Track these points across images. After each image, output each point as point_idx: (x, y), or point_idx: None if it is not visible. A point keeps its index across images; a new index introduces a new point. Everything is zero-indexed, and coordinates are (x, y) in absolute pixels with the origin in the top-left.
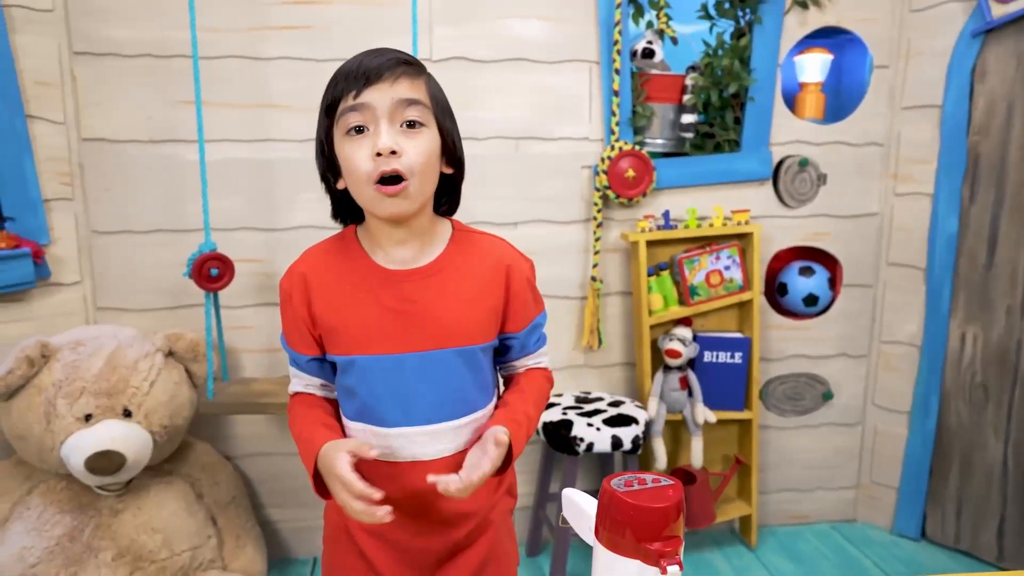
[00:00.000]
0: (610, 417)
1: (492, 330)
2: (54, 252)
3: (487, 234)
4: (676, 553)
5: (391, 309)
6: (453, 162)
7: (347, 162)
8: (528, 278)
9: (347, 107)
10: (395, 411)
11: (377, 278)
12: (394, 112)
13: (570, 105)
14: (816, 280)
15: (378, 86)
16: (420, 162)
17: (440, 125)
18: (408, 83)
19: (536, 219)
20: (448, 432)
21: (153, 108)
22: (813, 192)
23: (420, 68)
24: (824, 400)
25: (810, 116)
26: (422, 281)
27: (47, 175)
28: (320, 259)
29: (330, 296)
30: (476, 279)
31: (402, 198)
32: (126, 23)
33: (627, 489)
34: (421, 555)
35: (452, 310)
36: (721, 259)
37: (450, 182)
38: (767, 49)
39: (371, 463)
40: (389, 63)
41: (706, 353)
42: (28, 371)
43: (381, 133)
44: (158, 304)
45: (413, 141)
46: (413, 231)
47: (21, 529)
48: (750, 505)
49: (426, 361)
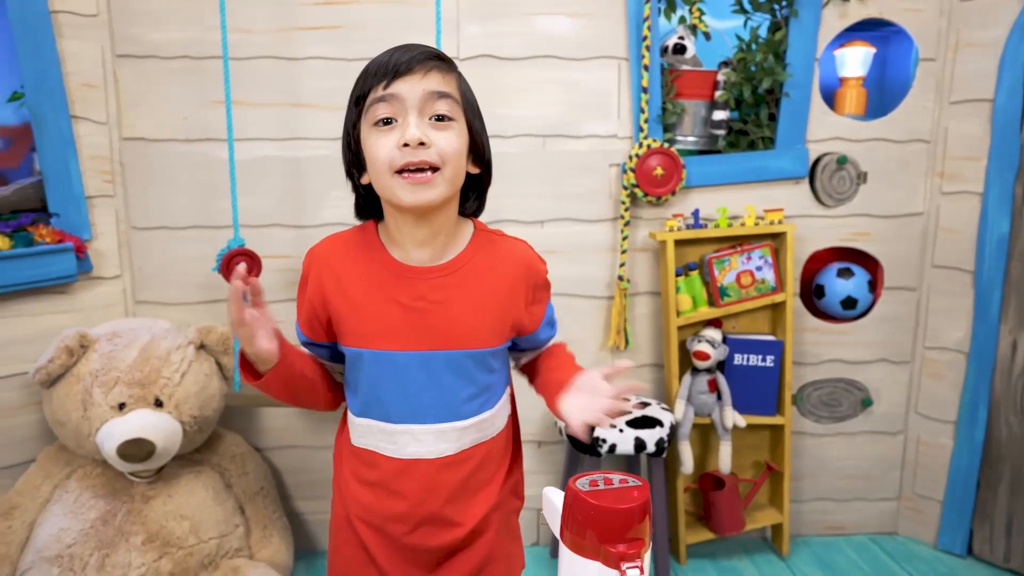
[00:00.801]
0: (634, 419)
1: (505, 333)
2: (95, 247)
3: (508, 236)
4: (638, 556)
5: (405, 306)
6: (480, 162)
7: (371, 151)
8: (544, 279)
9: (376, 98)
10: (401, 408)
11: (393, 274)
12: (424, 104)
13: (598, 102)
14: (855, 282)
15: (408, 78)
16: (449, 154)
17: (469, 123)
18: (439, 77)
19: (563, 217)
20: (453, 432)
21: (189, 108)
22: (852, 191)
23: (451, 64)
24: (863, 407)
25: (850, 112)
26: (438, 280)
27: (90, 173)
28: (339, 246)
29: (344, 285)
30: (494, 281)
31: (428, 187)
32: (165, 26)
33: (591, 489)
34: (420, 552)
35: (466, 312)
36: (752, 259)
37: (476, 183)
38: (804, 43)
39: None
40: (420, 56)
41: (736, 356)
42: (68, 360)
43: (410, 124)
44: (193, 298)
45: (442, 133)
46: (434, 229)
47: (60, 511)
48: (782, 513)
49: (436, 361)
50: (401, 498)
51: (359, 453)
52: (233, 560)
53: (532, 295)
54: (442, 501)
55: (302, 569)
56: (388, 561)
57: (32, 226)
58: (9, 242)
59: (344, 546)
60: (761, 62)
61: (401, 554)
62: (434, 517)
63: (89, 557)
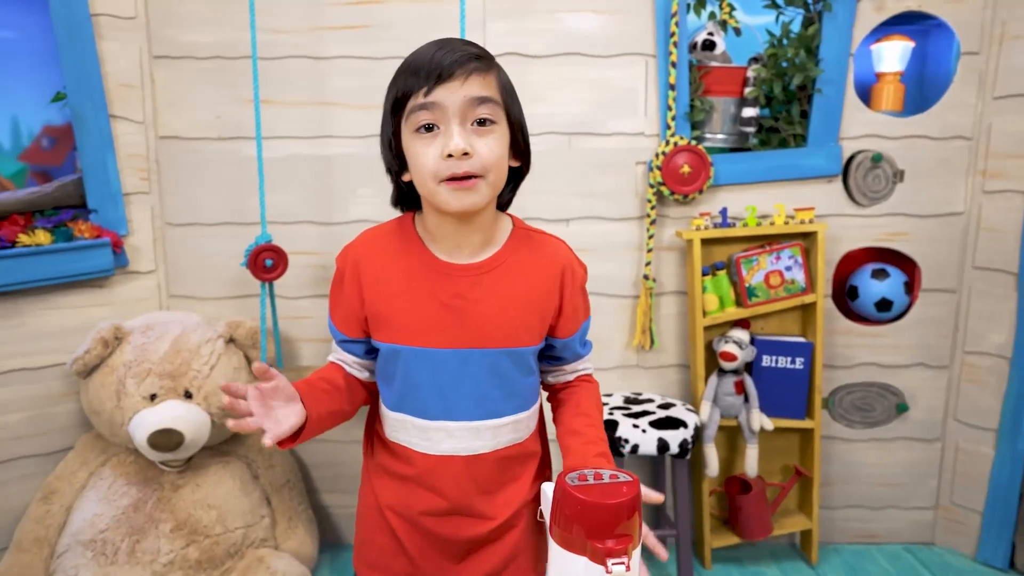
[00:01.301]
0: (658, 419)
1: (541, 333)
2: (132, 242)
3: (547, 234)
4: (624, 552)
5: (443, 303)
6: (520, 154)
7: (416, 160)
8: (582, 284)
9: (417, 105)
10: (437, 404)
11: (432, 270)
12: (466, 111)
13: (625, 100)
14: (890, 284)
15: (449, 84)
16: (492, 161)
17: (510, 119)
18: (480, 80)
19: (589, 216)
20: (489, 430)
21: (222, 107)
22: (888, 189)
23: (490, 61)
24: (898, 412)
25: (887, 108)
26: (477, 277)
27: (127, 170)
28: (377, 243)
29: (382, 281)
30: (532, 279)
31: (472, 192)
32: (200, 27)
33: (580, 484)
34: (450, 543)
35: (504, 310)
36: (782, 259)
37: (514, 175)
38: (838, 38)
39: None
40: (461, 59)
41: (764, 357)
42: (103, 352)
43: (453, 134)
44: (224, 293)
45: (484, 140)
46: (474, 227)
47: (94, 497)
48: (811, 519)
49: (473, 359)
50: (434, 493)
51: (392, 447)
52: (259, 550)
53: (570, 298)
54: (474, 496)
55: (327, 561)
56: (418, 550)
57: (72, 222)
58: (51, 237)
59: (374, 534)
60: (793, 58)
61: (432, 544)
62: (466, 510)
63: (121, 542)
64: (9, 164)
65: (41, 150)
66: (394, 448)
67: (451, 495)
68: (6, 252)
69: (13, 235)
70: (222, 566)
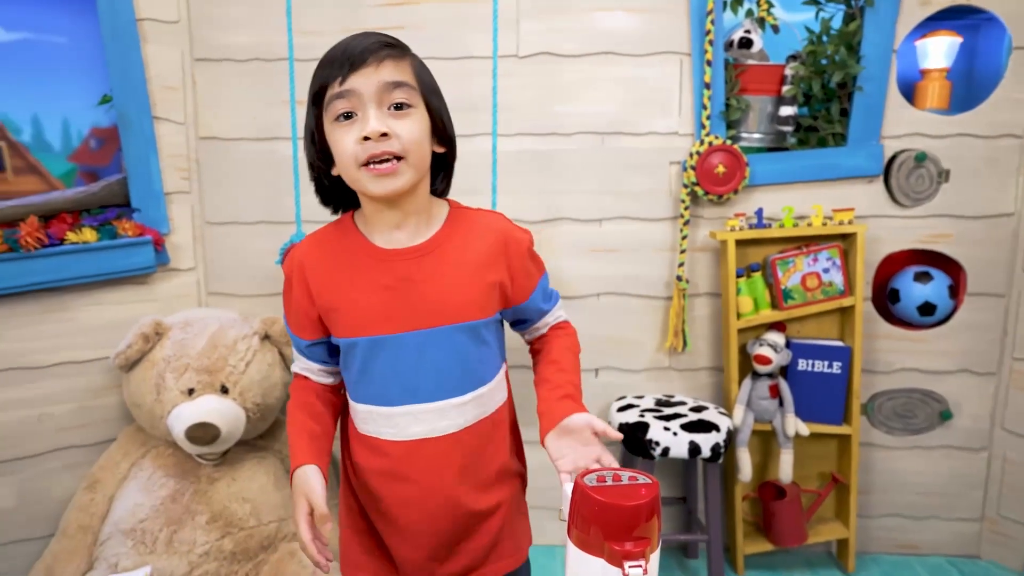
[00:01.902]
0: (689, 422)
1: (492, 305)
2: (173, 240)
3: (483, 210)
4: (642, 555)
5: (388, 288)
6: (444, 141)
7: (336, 147)
8: (527, 249)
9: (334, 94)
10: (399, 390)
11: (373, 259)
12: (381, 96)
13: (659, 99)
14: (934, 287)
15: (363, 71)
16: (411, 141)
17: (428, 105)
18: (393, 65)
19: (621, 216)
20: (453, 408)
21: (259, 108)
22: (932, 190)
23: (404, 49)
24: (941, 420)
25: (932, 106)
26: (418, 260)
27: (168, 170)
28: (317, 244)
29: (327, 279)
30: (473, 255)
31: (394, 176)
32: (240, 30)
33: (598, 485)
34: (433, 537)
35: (449, 287)
36: (819, 261)
37: (442, 162)
38: (880, 34)
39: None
40: (372, 46)
41: (800, 361)
42: (143, 346)
43: (370, 118)
44: (260, 290)
45: (402, 122)
46: (408, 212)
47: (135, 487)
48: (848, 528)
49: (426, 339)
50: (409, 482)
51: (364, 440)
52: (291, 544)
53: (516, 264)
54: (450, 482)
55: None
56: (398, 548)
57: (117, 220)
58: (96, 235)
59: (355, 535)
60: (832, 55)
61: (411, 541)
62: (444, 501)
63: (159, 532)
64: (59, 164)
65: (89, 151)
66: (366, 440)
67: (425, 481)
68: (55, 249)
69: (62, 233)
70: (255, 558)
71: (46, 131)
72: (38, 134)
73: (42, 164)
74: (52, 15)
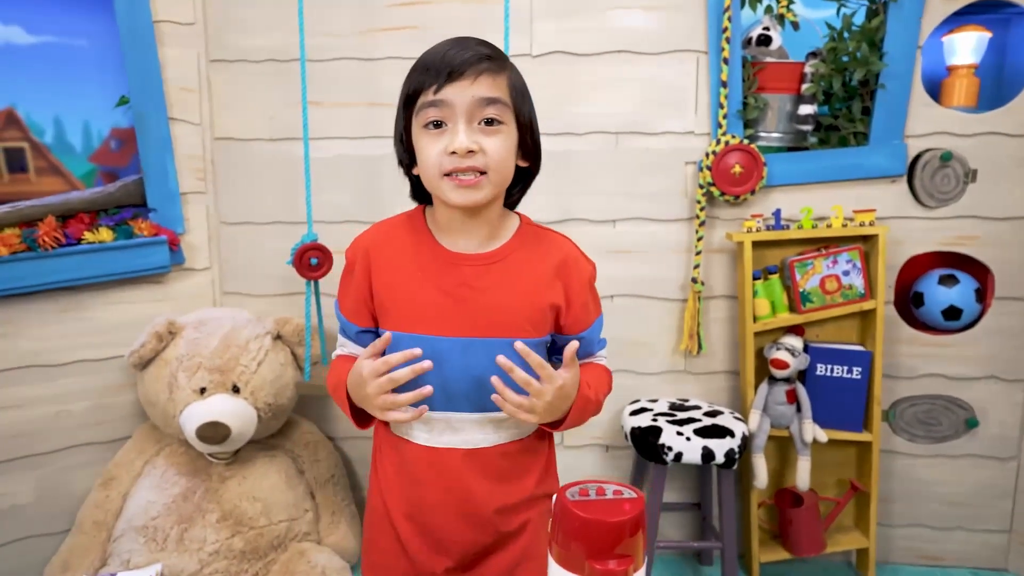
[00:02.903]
0: (703, 427)
1: (545, 326)
2: (188, 240)
3: (554, 231)
4: (625, 574)
5: (447, 292)
6: (529, 155)
7: (421, 154)
8: (589, 279)
9: (426, 102)
10: (439, 395)
11: (439, 259)
12: (473, 111)
13: (675, 98)
14: (960, 290)
15: (459, 83)
16: (497, 160)
17: (519, 120)
18: (490, 80)
19: (636, 217)
20: (490, 423)
21: (274, 109)
22: (958, 190)
23: (502, 62)
24: (967, 428)
25: (959, 104)
26: (482, 267)
27: (184, 171)
28: (385, 234)
29: (390, 271)
30: (536, 273)
31: (475, 189)
32: (255, 32)
33: (580, 499)
34: (456, 546)
35: (506, 300)
36: (839, 263)
37: (522, 175)
38: (905, 29)
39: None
40: (472, 59)
41: (819, 366)
42: (157, 345)
43: (459, 132)
44: (274, 290)
45: (491, 139)
46: (481, 221)
47: (148, 485)
48: (868, 537)
49: (474, 348)
50: (437, 489)
51: (395, 441)
52: (301, 543)
53: (574, 291)
54: (479, 496)
55: None
56: (420, 553)
57: (133, 220)
58: (113, 235)
59: (378, 536)
60: (854, 51)
61: (435, 548)
62: (470, 513)
63: (170, 530)
64: (80, 165)
65: (109, 151)
66: (396, 443)
67: (454, 491)
68: (72, 249)
69: (79, 232)
70: (265, 558)
71: (68, 132)
72: (60, 135)
73: (64, 165)
74: (73, 18)
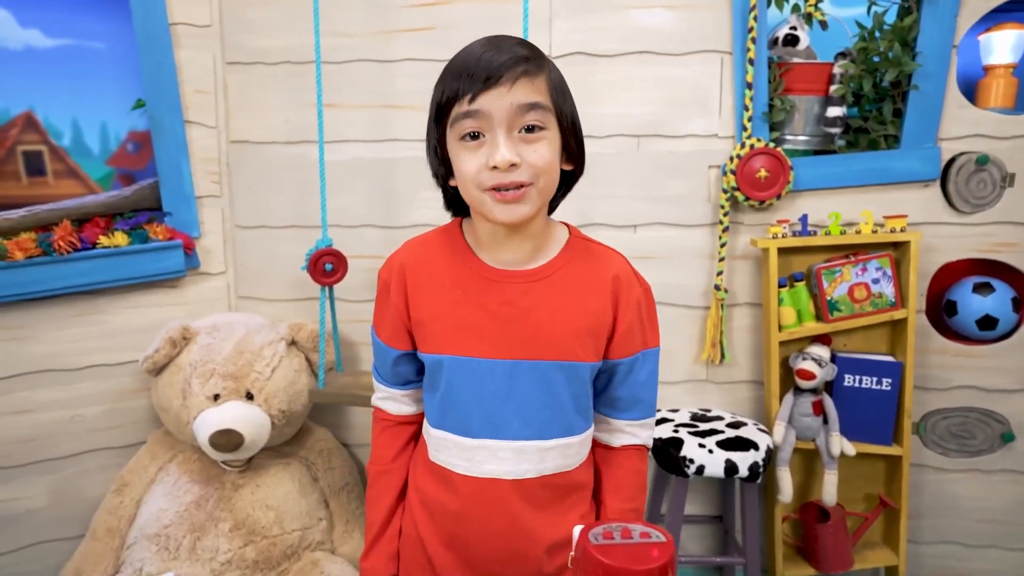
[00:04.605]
0: (726, 439)
1: (597, 350)
2: (203, 244)
3: (606, 246)
4: None
5: (490, 311)
6: (572, 158)
7: (460, 168)
8: (640, 301)
9: (461, 112)
10: (481, 421)
11: (480, 277)
12: (513, 119)
13: (698, 100)
14: (995, 299)
15: (495, 90)
16: (542, 170)
17: (561, 122)
18: (528, 85)
19: (657, 221)
20: (535, 452)
21: (290, 111)
22: (995, 195)
23: (540, 62)
24: (1003, 442)
25: (996, 105)
26: (528, 285)
27: (200, 174)
28: (421, 251)
29: (427, 290)
30: (586, 291)
31: (519, 204)
32: (271, 33)
33: (604, 542)
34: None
35: (556, 320)
36: (868, 271)
37: (566, 179)
38: (939, 28)
39: (449, 476)
40: (508, 62)
41: (847, 376)
42: (171, 351)
43: (499, 144)
44: (290, 294)
45: (533, 147)
46: (526, 235)
47: (161, 492)
48: (898, 554)
49: (521, 371)
50: (476, 522)
51: (434, 468)
52: (314, 553)
53: (624, 311)
54: (520, 530)
55: None
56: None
57: (148, 224)
58: (128, 239)
59: (413, 567)
60: (885, 51)
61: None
62: (519, 549)
63: (183, 539)
64: (98, 168)
65: (126, 154)
66: (436, 470)
67: (494, 524)
68: (87, 253)
69: (94, 237)
70: (278, 567)
71: (85, 135)
72: (78, 138)
73: (81, 168)
74: (90, 21)
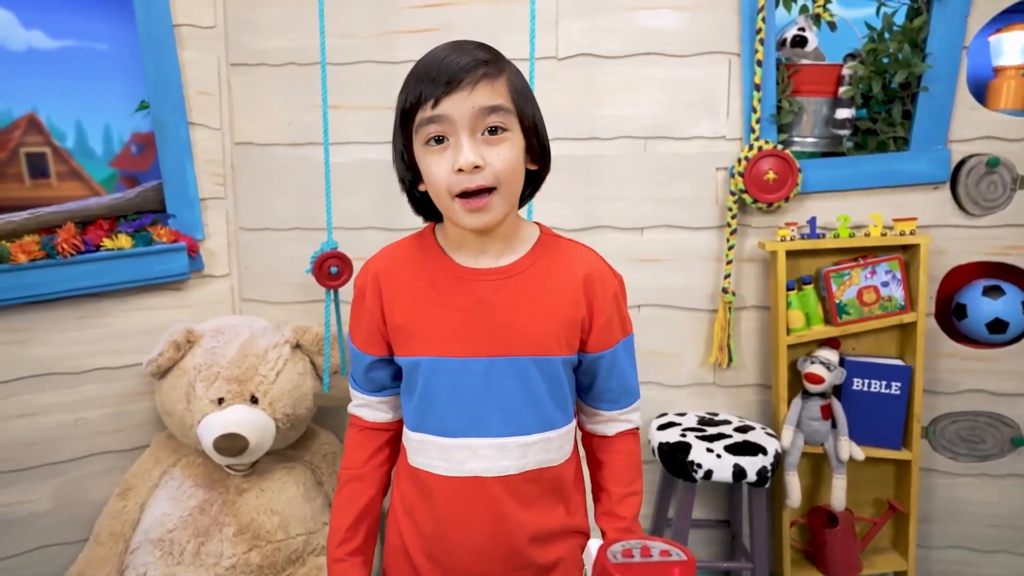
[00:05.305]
0: (734, 444)
1: (572, 343)
2: (207, 246)
3: (576, 242)
4: None
5: (464, 311)
6: (536, 158)
7: (427, 173)
8: (615, 294)
9: (425, 118)
10: (460, 420)
11: (452, 277)
12: (475, 122)
13: (705, 101)
14: (1006, 302)
15: (457, 95)
16: (505, 171)
17: (523, 123)
18: (488, 88)
19: (664, 224)
20: (516, 447)
21: (294, 113)
22: (1005, 198)
23: (500, 64)
24: (1013, 446)
25: (1007, 107)
26: (499, 282)
27: (204, 176)
28: (395, 257)
29: (402, 294)
30: (558, 286)
31: (486, 211)
32: (275, 34)
33: (624, 561)
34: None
35: (529, 316)
36: (877, 274)
37: (532, 177)
38: (949, 29)
39: (429, 478)
40: (468, 65)
41: (855, 380)
42: (175, 354)
43: (463, 147)
44: (294, 297)
45: (496, 149)
46: (495, 236)
47: (164, 496)
48: (907, 559)
49: (498, 368)
50: (457, 522)
51: (414, 473)
52: (319, 558)
53: (600, 308)
54: (512, 524)
55: None
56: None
57: (152, 226)
58: (131, 241)
59: (396, 574)
60: (895, 53)
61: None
62: (502, 544)
63: (187, 543)
64: (101, 170)
65: (130, 156)
66: (416, 473)
67: (477, 525)
68: (91, 256)
69: (98, 239)
70: (283, 572)
71: (89, 137)
72: (81, 140)
73: (84, 170)
74: (94, 22)
